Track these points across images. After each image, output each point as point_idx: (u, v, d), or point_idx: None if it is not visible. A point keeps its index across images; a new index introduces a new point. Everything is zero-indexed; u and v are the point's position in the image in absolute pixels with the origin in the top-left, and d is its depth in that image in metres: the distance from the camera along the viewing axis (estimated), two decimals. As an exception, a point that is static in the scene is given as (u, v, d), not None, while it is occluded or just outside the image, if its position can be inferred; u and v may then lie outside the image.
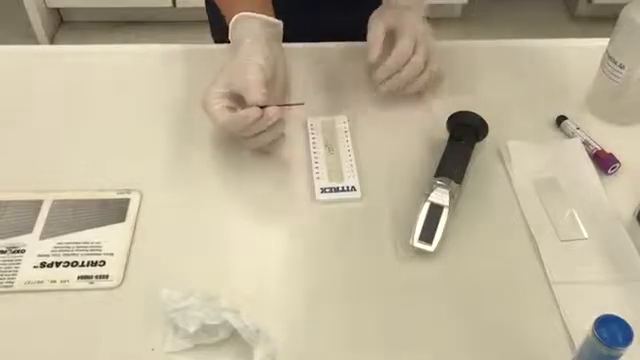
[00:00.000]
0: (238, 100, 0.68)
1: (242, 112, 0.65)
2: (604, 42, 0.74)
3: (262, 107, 0.65)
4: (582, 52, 0.85)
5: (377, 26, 0.77)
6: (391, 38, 0.76)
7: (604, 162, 0.70)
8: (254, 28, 0.71)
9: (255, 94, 0.66)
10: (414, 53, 0.74)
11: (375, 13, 0.80)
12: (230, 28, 0.72)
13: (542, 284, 0.60)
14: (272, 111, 0.65)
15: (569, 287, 0.60)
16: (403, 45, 0.74)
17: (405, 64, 0.74)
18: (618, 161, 0.70)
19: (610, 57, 0.72)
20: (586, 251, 0.63)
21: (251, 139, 0.69)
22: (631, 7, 0.69)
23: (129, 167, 0.70)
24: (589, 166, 0.71)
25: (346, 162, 0.71)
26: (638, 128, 0.77)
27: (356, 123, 0.76)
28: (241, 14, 0.71)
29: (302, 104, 0.71)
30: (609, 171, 0.70)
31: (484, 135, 0.71)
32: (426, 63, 0.76)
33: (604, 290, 0.60)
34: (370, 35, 0.77)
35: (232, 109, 0.67)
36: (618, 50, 0.71)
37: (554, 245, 0.63)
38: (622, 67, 0.71)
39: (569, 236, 0.64)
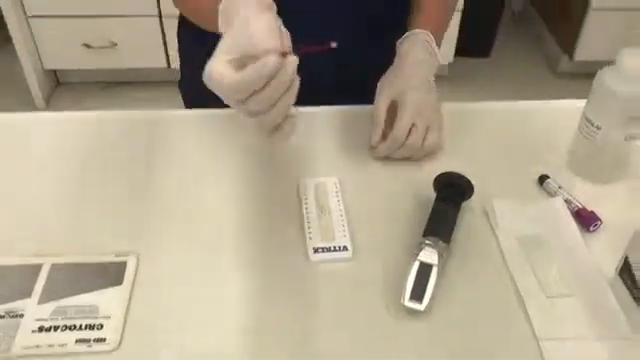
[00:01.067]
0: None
1: (258, 62, 0.54)
2: (583, 103, 0.78)
3: None
4: (563, 113, 0.88)
5: (382, 102, 0.80)
6: (395, 107, 0.80)
7: (586, 220, 0.73)
8: (247, 2, 0.60)
9: (269, 39, 0.55)
10: (410, 133, 0.78)
11: (385, 79, 0.82)
12: (220, 10, 0.62)
13: (530, 340, 0.62)
14: (294, 59, 0.55)
15: (556, 344, 0.61)
16: (400, 127, 0.77)
17: (401, 146, 0.79)
18: (599, 219, 0.73)
19: (587, 119, 0.76)
20: (572, 307, 0.65)
21: (267, 112, 0.57)
22: (604, 72, 0.73)
23: (127, 230, 0.72)
24: (572, 224, 0.73)
25: (338, 222, 0.73)
26: (617, 186, 0.80)
27: (347, 184, 0.78)
28: None
29: (331, 44, 0.58)
30: (591, 229, 0.73)
31: (470, 195, 0.74)
32: (424, 137, 0.79)
33: (590, 346, 0.61)
34: (375, 112, 0.80)
35: None
36: (594, 112, 0.75)
37: (541, 302, 0.65)
38: (598, 128, 0.75)
39: (555, 292, 0.66)
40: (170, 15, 2.19)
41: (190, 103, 1.07)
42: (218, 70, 0.56)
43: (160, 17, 2.22)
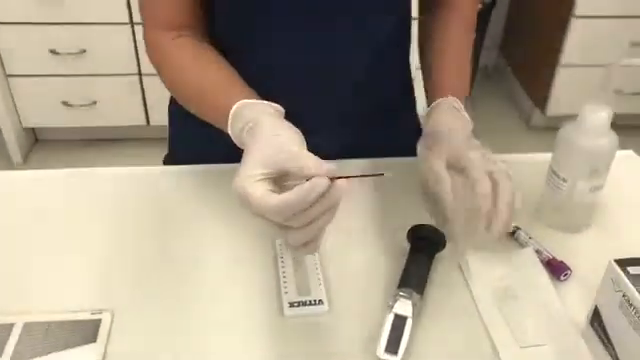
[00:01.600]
0: (278, 183, 0.58)
1: (307, 184, 0.53)
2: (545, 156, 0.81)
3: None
4: (534, 166, 0.91)
5: (438, 166, 0.71)
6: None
7: (556, 269, 0.75)
8: (264, 110, 0.66)
9: (319, 163, 0.55)
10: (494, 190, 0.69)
11: (428, 152, 0.74)
12: (231, 119, 0.67)
13: (505, 392, 0.62)
14: (343, 183, 0.54)
15: (530, 394, 0.62)
16: (483, 187, 0.68)
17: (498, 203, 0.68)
18: (569, 268, 0.75)
19: (553, 171, 0.78)
20: (544, 357, 0.65)
21: (303, 228, 0.56)
22: (567, 127, 0.76)
23: (101, 287, 0.72)
24: (543, 274, 0.74)
25: (313, 276, 0.74)
26: (585, 236, 0.82)
27: (323, 236, 0.79)
28: (242, 101, 0.68)
29: (382, 174, 0.58)
30: (561, 278, 0.74)
31: (443, 247, 0.75)
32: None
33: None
34: (433, 172, 0.72)
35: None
36: (559, 165, 0.78)
37: (514, 352, 0.66)
38: (565, 180, 0.77)
39: (528, 342, 0.67)
40: (150, 73, 2.23)
41: None
42: (257, 194, 0.55)
43: (140, 75, 2.25)
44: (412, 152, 0.80)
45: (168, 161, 1.04)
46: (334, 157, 0.64)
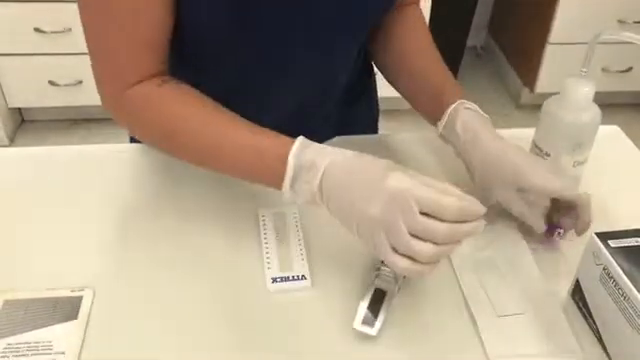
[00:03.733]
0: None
1: (474, 224, 0.60)
2: (533, 131, 0.81)
3: None
4: (517, 141, 0.90)
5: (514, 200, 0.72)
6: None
7: (550, 228, 0.74)
8: (330, 148, 0.64)
9: (478, 204, 0.60)
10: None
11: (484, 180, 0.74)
12: (297, 161, 0.63)
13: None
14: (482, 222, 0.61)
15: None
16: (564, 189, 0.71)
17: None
18: (561, 226, 0.74)
19: (536, 146, 0.78)
20: (522, 326, 0.66)
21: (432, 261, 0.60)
22: (551, 101, 0.76)
23: (82, 264, 0.72)
24: (523, 245, 0.75)
25: (296, 252, 0.74)
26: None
27: (306, 214, 0.79)
28: (300, 141, 0.64)
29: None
30: (556, 237, 0.74)
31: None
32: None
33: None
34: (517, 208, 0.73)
35: None
36: (543, 139, 0.78)
37: (492, 321, 0.66)
38: (548, 155, 0.77)
39: (505, 311, 0.67)
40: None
41: None
42: (403, 266, 0.59)
43: (126, 54, 2.22)
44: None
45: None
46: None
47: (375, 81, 1.02)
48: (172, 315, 0.67)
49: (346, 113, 0.95)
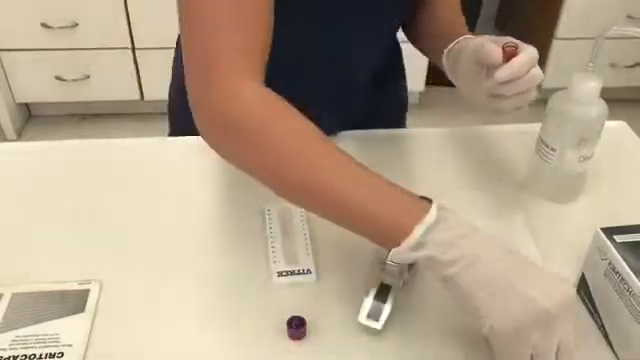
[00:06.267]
0: None
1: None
2: (539, 127, 0.80)
3: None
4: (520, 136, 0.91)
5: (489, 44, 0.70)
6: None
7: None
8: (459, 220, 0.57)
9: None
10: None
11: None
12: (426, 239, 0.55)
13: (483, 354, 0.63)
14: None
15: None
16: (529, 52, 0.71)
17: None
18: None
19: (542, 141, 0.78)
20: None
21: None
22: (557, 96, 0.76)
23: (90, 258, 0.72)
24: (528, 238, 0.75)
25: (302, 246, 0.74)
26: (574, 205, 0.82)
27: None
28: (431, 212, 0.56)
29: None
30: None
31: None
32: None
33: None
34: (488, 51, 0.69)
35: None
36: (549, 135, 0.77)
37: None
38: (554, 150, 0.77)
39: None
40: (143, 47, 2.21)
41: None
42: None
43: (133, 49, 2.23)
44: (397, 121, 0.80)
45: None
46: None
47: (404, 68, 1.03)
48: (178, 308, 0.67)
49: (375, 99, 0.96)
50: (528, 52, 0.69)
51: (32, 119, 2.49)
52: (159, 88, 0.99)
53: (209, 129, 0.62)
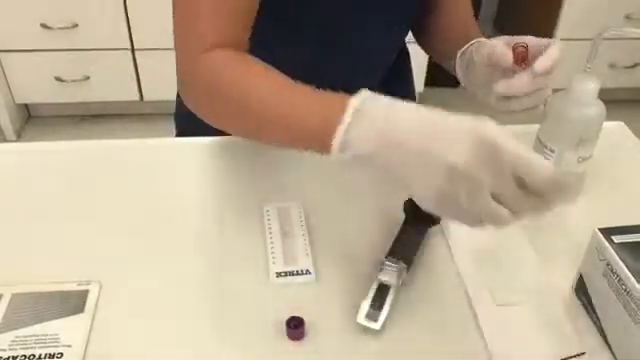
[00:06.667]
0: None
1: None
2: (537, 127, 0.81)
3: None
4: (520, 137, 0.91)
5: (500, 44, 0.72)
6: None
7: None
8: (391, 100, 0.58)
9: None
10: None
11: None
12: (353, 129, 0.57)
13: (481, 353, 0.63)
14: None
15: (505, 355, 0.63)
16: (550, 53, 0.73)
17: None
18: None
19: (541, 141, 0.78)
20: (521, 317, 0.66)
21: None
22: (555, 97, 0.76)
23: (89, 258, 0.72)
24: (523, 238, 0.75)
25: (301, 246, 0.74)
26: (573, 206, 0.82)
27: (312, 208, 0.79)
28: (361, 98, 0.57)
29: None
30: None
31: (438, 222, 0.75)
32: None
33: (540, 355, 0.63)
34: (496, 53, 0.72)
35: None
36: (547, 135, 0.78)
37: (491, 310, 0.67)
38: (552, 151, 0.77)
39: (504, 301, 0.68)
40: (142, 48, 2.21)
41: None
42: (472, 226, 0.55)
43: (133, 50, 2.23)
44: None
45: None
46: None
47: (411, 62, 1.06)
48: (177, 308, 0.67)
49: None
50: (538, 65, 0.72)
51: (32, 120, 2.49)
52: (159, 89, 1.00)
53: (185, 81, 0.71)
